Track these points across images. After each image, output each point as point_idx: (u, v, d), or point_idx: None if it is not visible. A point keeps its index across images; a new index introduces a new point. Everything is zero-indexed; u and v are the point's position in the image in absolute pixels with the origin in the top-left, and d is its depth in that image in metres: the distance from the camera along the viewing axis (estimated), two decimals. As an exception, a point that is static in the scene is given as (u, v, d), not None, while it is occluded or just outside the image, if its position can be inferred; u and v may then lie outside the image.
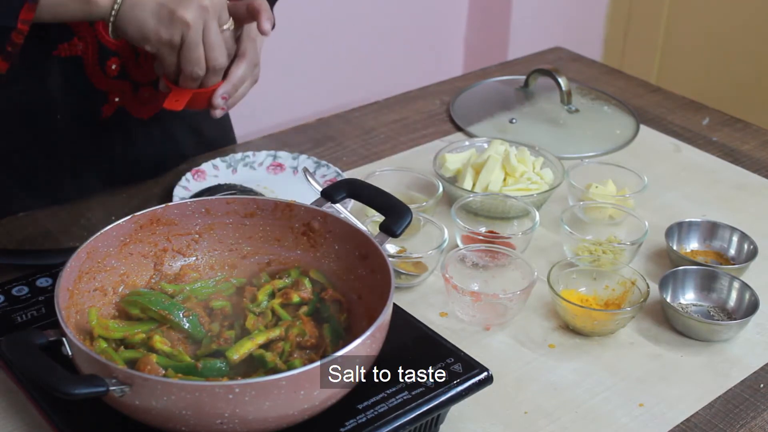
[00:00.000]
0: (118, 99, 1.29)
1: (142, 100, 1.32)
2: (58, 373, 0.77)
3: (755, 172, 1.50)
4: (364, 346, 0.84)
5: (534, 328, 1.13)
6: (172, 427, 0.81)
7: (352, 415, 0.87)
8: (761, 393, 1.05)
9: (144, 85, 1.31)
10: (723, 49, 2.77)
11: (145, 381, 0.78)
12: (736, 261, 1.25)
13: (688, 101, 1.73)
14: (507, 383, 1.04)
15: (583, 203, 1.32)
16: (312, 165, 1.40)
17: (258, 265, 1.04)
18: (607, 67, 1.92)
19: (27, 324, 1.00)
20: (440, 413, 0.93)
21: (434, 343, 0.97)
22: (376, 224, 1.11)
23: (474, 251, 1.18)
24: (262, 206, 1.03)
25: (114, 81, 1.27)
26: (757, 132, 1.62)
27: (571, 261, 1.17)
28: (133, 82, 1.29)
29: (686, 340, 1.12)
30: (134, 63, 1.27)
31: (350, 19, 2.60)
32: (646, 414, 1.01)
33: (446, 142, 1.54)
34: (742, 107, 2.21)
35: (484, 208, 1.30)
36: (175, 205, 1.01)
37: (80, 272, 0.93)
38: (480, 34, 2.93)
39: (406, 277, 1.17)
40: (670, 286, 1.16)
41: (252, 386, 0.78)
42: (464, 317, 1.13)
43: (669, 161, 1.50)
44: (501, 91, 1.64)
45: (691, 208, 1.38)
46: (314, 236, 1.03)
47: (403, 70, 2.80)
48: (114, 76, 1.26)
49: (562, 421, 0.99)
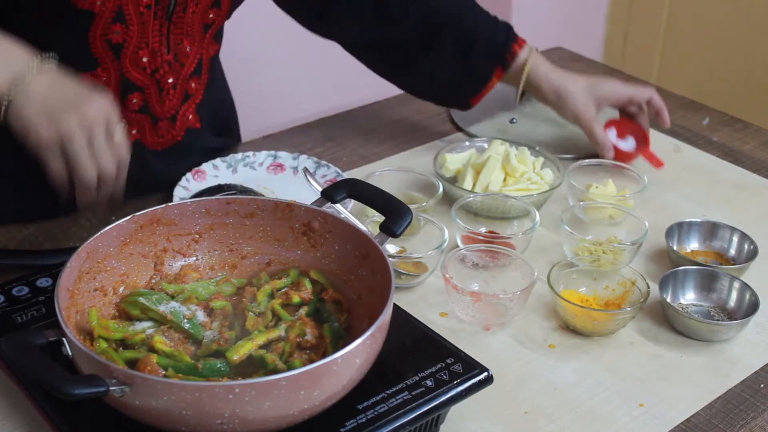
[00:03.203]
0: (135, 131, 1.28)
1: (159, 133, 1.30)
2: (58, 373, 0.77)
3: (755, 172, 1.50)
4: (365, 347, 0.84)
5: (534, 328, 1.13)
6: (172, 427, 0.81)
7: (352, 415, 0.87)
8: (761, 393, 1.05)
9: (163, 120, 1.29)
10: (723, 49, 2.76)
11: (145, 381, 0.78)
12: (736, 261, 1.25)
13: (688, 101, 1.73)
14: (507, 383, 1.04)
15: (583, 203, 1.32)
16: (312, 165, 1.40)
17: (258, 265, 1.04)
18: (607, 67, 1.92)
19: (27, 324, 1.00)
20: (440, 413, 0.93)
21: (434, 343, 0.97)
22: (376, 224, 1.11)
23: (474, 251, 1.18)
24: (262, 206, 1.03)
25: (134, 114, 1.26)
26: (757, 132, 1.62)
27: (571, 261, 1.17)
28: (154, 117, 1.28)
29: (686, 340, 1.12)
30: (158, 99, 1.26)
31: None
32: (646, 414, 1.01)
33: (446, 142, 1.54)
34: (742, 107, 2.21)
35: (484, 208, 1.30)
36: (175, 205, 1.01)
37: (80, 272, 0.93)
38: (480, 34, 2.92)
39: (406, 277, 1.17)
40: (670, 286, 1.16)
41: (252, 386, 0.78)
42: (464, 317, 1.13)
43: (669, 161, 1.50)
44: (501, 91, 1.63)
45: (691, 208, 1.38)
46: (314, 236, 1.03)
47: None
48: (135, 110, 1.26)
49: (562, 421, 0.99)
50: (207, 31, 1.28)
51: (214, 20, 1.27)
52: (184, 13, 1.22)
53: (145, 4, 1.17)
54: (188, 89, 1.30)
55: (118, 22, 1.16)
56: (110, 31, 1.17)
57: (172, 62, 1.25)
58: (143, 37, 1.20)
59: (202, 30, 1.27)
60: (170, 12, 1.20)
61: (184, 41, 1.24)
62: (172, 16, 1.21)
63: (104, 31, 1.16)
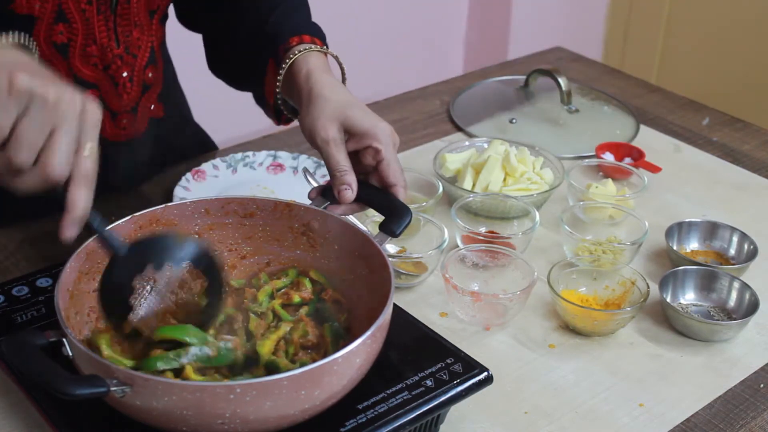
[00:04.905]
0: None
1: (120, 125, 1.27)
2: (58, 374, 0.77)
3: (755, 172, 1.50)
4: (365, 346, 0.84)
5: (534, 328, 1.13)
6: (173, 427, 0.81)
7: (352, 415, 0.87)
8: (761, 393, 1.05)
9: (122, 113, 1.26)
10: (723, 49, 2.77)
11: (146, 381, 0.78)
12: (736, 261, 1.25)
13: (688, 101, 1.73)
14: (507, 383, 1.04)
15: (583, 203, 1.32)
16: (312, 165, 1.40)
17: (257, 265, 1.04)
18: (607, 67, 1.92)
19: (27, 324, 1.00)
20: (440, 413, 0.93)
21: (434, 343, 0.97)
22: (376, 224, 1.11)
23: (474, 251, 1.18)
24: (261, 206, 1.03)
25: None
26: (757, 132, 1.62)
27: (571, 261, 1.17)
28: (112, 112, 1.25)
29: (686, 340, 1.12)
30: (114, 94, 1.24)
31: (350, 20, 2.61)
32: (646, 414, 1.01)
33: (446, 142, 1.54)
34: (742, 107, 2.22)
35: (484, 208, 1.30)
36: (174, 206, 1.01)
37: (80, 273, 0.93)
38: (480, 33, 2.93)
39: (406, 277, 1.17)
40: (670, 286, 1.16)
41: (253, 386, 0.78)
42: (464, 317, 1.13)
43: (669, 161, 1.50)
44: (501, 91, 1.64)
45: (691, 208, 1.38)
46: (314, 236, 1.03)
47: (403, 70, 2.80)
48: None
49: (562, 422, 0.99)
50: (153, 17, 1.25)
51: (159, 5, 1.25)
52: (128, 3, 1.19)
53: (85, 1, 1.14)
54: (146, 80, 1.28)
55: (60, 23, 1.14)
56: (54, 32, 1.14)
57: (124, 56, 1.22)
58: (89, 34, 1.17)
59: (149, 17, 1.25)
60: (114, 5, 1.18)
61: (132, 32, 1.22)
62: (116, 8, 1.18)
63: (47, 34, 1.14)
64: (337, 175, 1.02)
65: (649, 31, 2.93)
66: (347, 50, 2.33)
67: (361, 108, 1.06)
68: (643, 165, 1.44)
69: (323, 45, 1.17)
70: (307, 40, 1.16)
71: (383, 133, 1.04)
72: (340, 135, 1.04)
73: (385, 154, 1.04)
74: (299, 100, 1.10)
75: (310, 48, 1.13)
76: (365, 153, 1.05)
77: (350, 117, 1.04)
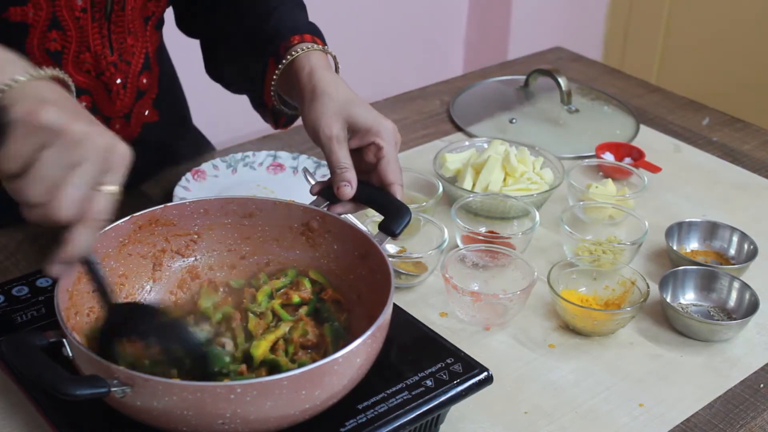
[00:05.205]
0: None
1: (113, 130, 1.27)
2: (58, 374, 0.77)
3: (755, 172, 1.50)
4: (365, 346, 0.84)
5: (534, 328, 1.13)
6: (174, 427, 0.81)
7: (352, 415, 0.87)
8: (761, 393, 1.05)
9: (115, 119, 1.27)
10: (723, 49, 2.77)
11: (147, 382, 0.78)
12: (736, 261, 1.25)
13: (688, 101, 1.73)
14: (507, 383, 1.04)
15: (583, 203, 1.32)
16: (312, 165, 1.40)
17: (257, 265, 1.04)
18: (607, 67, 1.92)
19: (27, 324, 1.00)
20: (440, 413, 0.93)
21: (434, 343, 0.97)
22: (375, 224, 1.11)
23: (474, 251, 1.18)
24: (260, 206, 1.03)
25: None
26: (757, 132, 1.62)
27: (571, 261, 1.17)
28: (105, 117, 1.25)
29: (686, 340, 1.12)
30: (107, 100, 1.23)
31: (350, 19, 2.60)
32: (646, 414, 1.01)
33: (446, 142, 1.54)
34: (742, 107, 2.22)
35: (484, 208, 1.30)
36: (173, 206, 1.01)
37: (79, 273, 0.93)
38: (480, 33, 2.93)
39: (406, 277, 1.17)
40: (670, 286, 1.16)
41: (254, 386, 0.78)
42: (464, 317, 1.13)
43: (669, 161, 1.50)
44: (501, 91, 1.64)
45: (691, 208, 1.38)
46: (313, 236, 1.03)
47: (403, 70, 2.80)
48: None
49: (562, 421, 0.99)
50: (148, 23, 1.25)
51: (154, 12, 1.25)
52: (123, 11, 1.19)
53: (80, 8, 1.14)
54: (140, 86, 1.28)
55: (54, 30, 1.14)
56: (47, 39, 1.14)
57: (118, 63, 1.22)
58: (83, 41, 1.17)
59: (143, 24, 1.24)
60: (108, 12, 1.18)
61: (127, 39, 1.22)
62: (111, 16, 1.18)
63: (41, 41, 1.14)
64: (338, 171, 1.03)
65: (649, 31, 2.93)
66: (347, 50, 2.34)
67: (364, 106, 1.06)
68: (643, 165, 1.44)
69: (323, 45, 1.17)
70: (308, 39, 1.16)
71: (386, 130, 1.05)
72: (343, 132, 1.05)
73: (387, 152, 1.04)
74: (301, 98, 1.10)
75: (312, 47, 1.13)
76: (367, 150, 1.05)
77: (354, 114, 1.05)
